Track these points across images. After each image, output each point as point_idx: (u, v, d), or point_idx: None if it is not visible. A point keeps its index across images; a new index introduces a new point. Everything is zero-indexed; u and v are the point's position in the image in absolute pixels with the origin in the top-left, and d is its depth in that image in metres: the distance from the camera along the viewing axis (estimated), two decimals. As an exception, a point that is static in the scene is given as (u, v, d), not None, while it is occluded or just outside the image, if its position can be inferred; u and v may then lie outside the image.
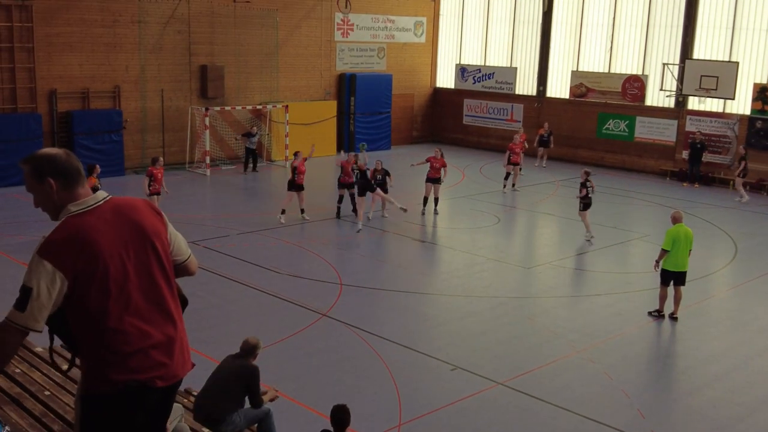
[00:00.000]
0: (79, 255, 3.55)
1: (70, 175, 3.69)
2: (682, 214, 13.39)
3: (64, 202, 3.68)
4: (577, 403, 10.09)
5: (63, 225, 3.62)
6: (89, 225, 3.63)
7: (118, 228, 3.69)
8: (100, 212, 3.70)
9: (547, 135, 28.15)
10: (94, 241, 3.59)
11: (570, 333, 12.57)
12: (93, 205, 3.71)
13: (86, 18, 23.59)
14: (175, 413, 5.13)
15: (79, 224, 3.62)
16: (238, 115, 27.24)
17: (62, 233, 3.58)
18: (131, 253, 3.71)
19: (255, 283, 14.57)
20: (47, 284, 3.49)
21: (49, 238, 3.56)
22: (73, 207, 3.67)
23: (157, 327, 3.78)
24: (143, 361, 3.72)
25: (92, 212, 3.68)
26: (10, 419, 5.21)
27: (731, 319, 13.70)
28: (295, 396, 9.84)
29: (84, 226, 3.62)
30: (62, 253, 3.52)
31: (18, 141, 22.10)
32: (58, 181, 3.67)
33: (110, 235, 3.65)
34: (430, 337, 12.37)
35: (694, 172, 25.73)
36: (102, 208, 3.72)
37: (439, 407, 9.88)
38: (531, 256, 17.66)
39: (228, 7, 26.58)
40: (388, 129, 31.52)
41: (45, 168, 3.69)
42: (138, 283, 3.72)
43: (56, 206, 3.71)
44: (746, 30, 25.64)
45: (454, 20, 33.84)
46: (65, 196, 3.69)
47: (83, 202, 3.69)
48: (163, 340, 3.79)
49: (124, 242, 3.69)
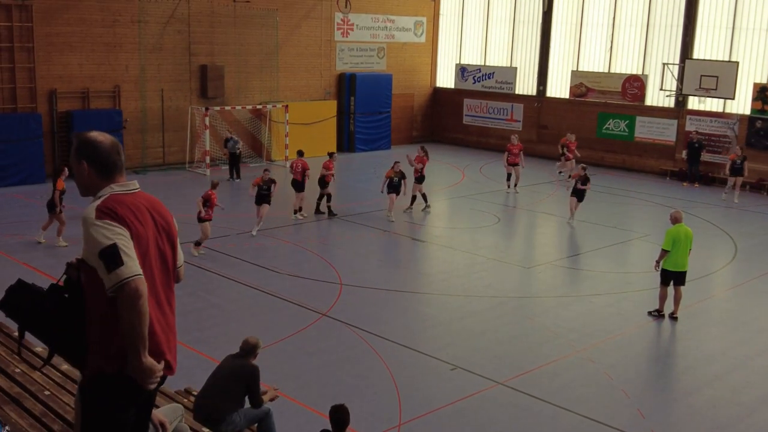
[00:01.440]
0: (132, 219, 3.69)
1: (106, 166, 3.82)
2: (682, 214, 13.39)
3: (97, 187, 3.81)
4: (577, 403, 10.09)
5: (111, 198, 3.74)
6: (136, 203, 3.81)
7: (152, 215, 3.88)
8: (139, 197, 3.87)
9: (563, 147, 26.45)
10: (143, 217, 3.77)
11: (570, 333, 12.57)
12: (133, 189, 3.89)
13: (86, 18, 23.59)
14: (175, 413, 5.12)
15: (126, 200, 3.77)
16: (238, 114, 27.24)
17: (113, 203, 3.71)
18: (160, 242, 3.90)
19: (255, 283, 14.57)
20: (120, 235, 3.59)
21: (101, 205, 3.67)
22: (117, 187, 3.82)
23: (165, 317, 3.92)
24: (151, 344, 3.75)
25: (134, 195, 3.86)
26: (10, 419, 5.21)
27: (731, 318, 13.70)
28: (295, 396, 9.84)
29: (132, 202, 3.78)
30: (119, 214, 3.65)
31: (18, 141, 22.11)
32: (92, 166, 3.81)
33: (150, 217, 3.84)
34: (430, 336, 12.37)
35: (693, 171, 25.75)
36: (139, 194, 3.89)
37: (439, 407, 9.88)
38: (531, 256, 17.67)
39: (228, 7, 26.58)
40: (388, 129, 31.52)
41: (84, 151, 3.82)
42: (160, 273, 3.89)
43: (88, 188, 3.85)
44: (746, 30, 25.64)
45: (454, 20, 33.84)
46: (97, 182, 3.82)
47: (126, 185, 3.86)
48: (167, 329, 3.93)
49: (156, 229, 3.89)
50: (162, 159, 25.82)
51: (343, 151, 30.13)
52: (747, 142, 25.10)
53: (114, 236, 3.57)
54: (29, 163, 22.39)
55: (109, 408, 3.84)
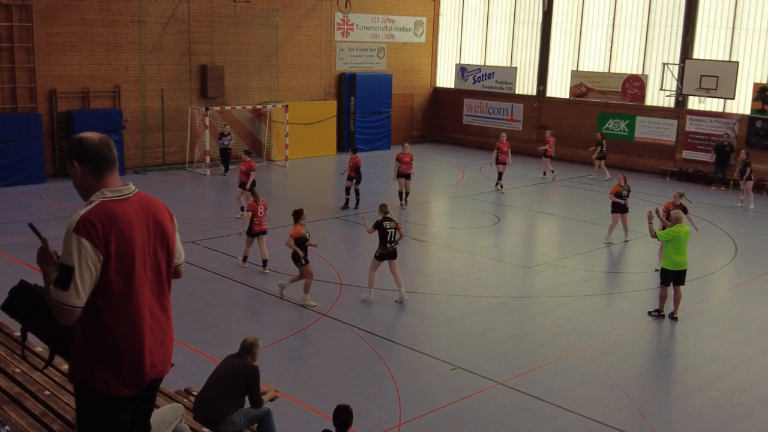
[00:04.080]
0: (114, 237, 3.64)
1: (96, 162, 3.76)
2: (682, 214, 13.39)
3: (94, 187, 3.76)
4: (577, 403, 10.09)
5: (99, 207, 3.68)
6: (125, 212, 3.73)
7: (144, 222, 3.82)
8: (131, 203, 3.80)
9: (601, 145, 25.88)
10: (128, 229, 3.70)
11: (570, 333, 12.57)
12: (127, 194, 3.81)
13: (86, 18, 23.59)
14: (175, 413, 5.13)
15: (116, 209, 3.70)
16: (238, 114, 27.24)
17: (99, 214, 3.64)
18: (151, 248, 3.85)
19: (255, 282, 14.56)
20: (87, 261, 3.56)
21: (86, 217, 3.61)
22: (109, 192, 3.75)
23: (158, 323, 3.92)
24: (137, 356, 3.80)
25: (127, 201, 3.78)
26: (10, 419, 5.21)
27: (731, 318, 13.69)
28: (295, 396, 9.84)
29: (120, 213, 3.71)
30: (99, 231, 3.60)
31: (18, 141, 22.10)
32: (84, 165, 3.76)
33: (139, 226, 3.78)
34: (430, 336, 12.37)
35: (721, 174, 25.42)
36: (132, 200, 3.82)
37: (439, 407, 9.88)
38: (531, 256, 17.66)
39: (228, 7, 26.58)
40: (388, 129, 31.52)
41: (73, 151, 3.79)
42: (151, 278, 3.86)
43: (84, 188, 3.80)
44: (746, 30, 25.65)
45: (454, 20, 33.84)
46: (92, 181, 3.76)
47: (118, 190, 3.79)
48: (159, 336, 3.93)
49: (148, 236, 3.83)
50: (162, 159, 25.82)
51: (343, 152, 30.12)
52: (747, 142, 25.10)
53: (79, 259, 3.54)
54: (29, 163, 22.39)
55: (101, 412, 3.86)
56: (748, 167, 22.42)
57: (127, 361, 3.77)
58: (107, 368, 3.75)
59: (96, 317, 3.70)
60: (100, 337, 3.73)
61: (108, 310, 3.69)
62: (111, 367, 3.75)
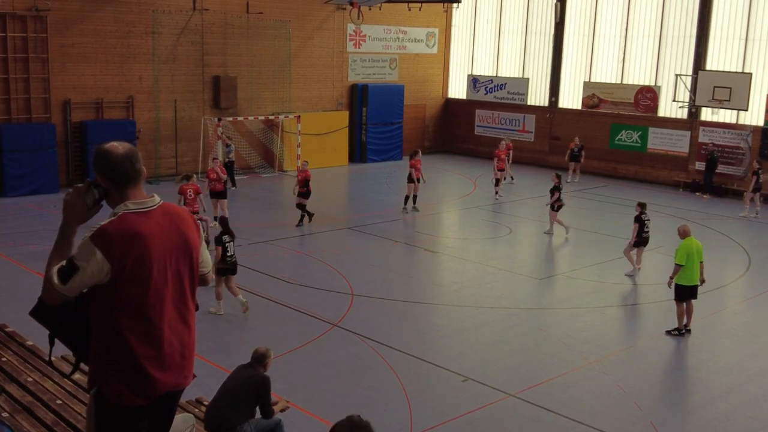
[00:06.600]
0: (130, 252, 3.66)
1: (117, 177, 3.76)
2: (690, 228, 13.24)
3: (117, 200, 3.78)
4: (590, 416, 10.03)
5: (120, 219, 3.70)
6: (145, 227, 3.73)
7: (166, 235, 3.82)
8: (154, 216, 3.80)
9: (578, 149, 27.27)
10: (146, 244, 3.71)
11: (582, 344, 12.51)
12: (150, 207, 3.81)
13: (100, 29, 23.77)
14: (186, 423, 5.14)
15: (136, 223, 3.72)
16: (250, 125, 27.34)
17: (118, 227, 3.67)
18: (173, 261, 3.85)
19: (266, 292, 14.58)
20: (93, 269, 3.60)
21: (105, 228, 3.65)
22: (132, 205, 3.76)
23: (177, 335, 3.92)
24: (151, 367, 3.81)
25: (149, 214, 3.79)
26: (22, 428, 5.23)
27: (744, 331, 13.60)
28: (305, 406, 9.82)
29: (140, 227, 3.71)
30: (115, 246, 3.63)
31: (32, 151, 22.25)
32: (106, 178, 3.77)
33: (160, 240, 3.77)
34: (441, 347, 12.34)
35: (708, 182, 25.60)
36: (156, 212, 3.82)
37: (450, 419, 9.84)
38: (543, 267, 17.61)
39: (241, 18, 26.71)
40: (400, 139, 31.55)
41: (97, 163, 3.79)
42: (172, 291, 3.85)
43: (109, 199, 3.82)
44: (759, 41, 25.56)
45: (466, 31, 33.89)
46: (114, 194, 3.78)
47: (142, 203, 3.79)
48: (178, 348, 3.93)
49: (169, 250, 3.83)
50: (175, 169, 25.91)
51: (355, 162, 30.19)
52: (761, 153, 24.97)
53: (87, 264, 3.60)
54: (43, 172, 22.53)
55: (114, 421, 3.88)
56: (757, 177, 22.38)
57: (140, 371, 3.78)
58: (121, 378, 3.77)
59: (111, 327, 3.72)
60: (115, 346, 3.75)
61: (123, 320, 3.71)
62: (125, 377, 3.77)
